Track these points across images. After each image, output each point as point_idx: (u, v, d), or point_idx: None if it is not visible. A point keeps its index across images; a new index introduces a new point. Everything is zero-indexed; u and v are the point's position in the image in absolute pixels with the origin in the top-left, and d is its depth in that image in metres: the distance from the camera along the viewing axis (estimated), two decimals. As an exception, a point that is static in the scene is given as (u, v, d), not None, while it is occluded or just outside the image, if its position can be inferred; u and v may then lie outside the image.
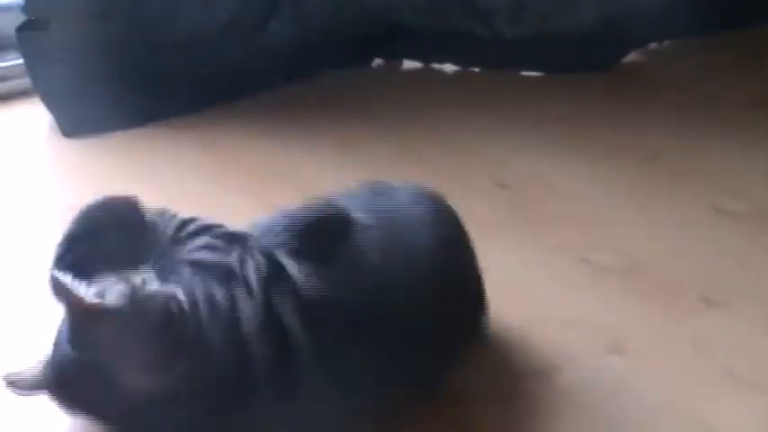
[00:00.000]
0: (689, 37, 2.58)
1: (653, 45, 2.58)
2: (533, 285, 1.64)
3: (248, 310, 1.28)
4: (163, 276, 1.31)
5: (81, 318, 1.24)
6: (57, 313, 1.30)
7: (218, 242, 1.36)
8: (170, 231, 1.39)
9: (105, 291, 1.25)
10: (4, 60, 2.35)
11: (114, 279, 1.28)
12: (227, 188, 1.97)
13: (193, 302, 1.28)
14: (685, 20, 2.45)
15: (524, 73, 2.48)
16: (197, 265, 1.33)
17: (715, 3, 2.49)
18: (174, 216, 1.42)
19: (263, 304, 1.29)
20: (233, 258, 1.33)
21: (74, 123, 2.19)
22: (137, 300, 1.25)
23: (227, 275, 1.31)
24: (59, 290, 1.25)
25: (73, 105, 2.19)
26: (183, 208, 1.49)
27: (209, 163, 2.05)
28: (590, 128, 2.20)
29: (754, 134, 2.14)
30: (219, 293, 1.30)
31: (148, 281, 1.29)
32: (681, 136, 2.15)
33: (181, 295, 1.28)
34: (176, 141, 2.15)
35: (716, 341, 1.52)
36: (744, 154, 2.06)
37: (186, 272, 1.33)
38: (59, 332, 1.30)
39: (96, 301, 1.23)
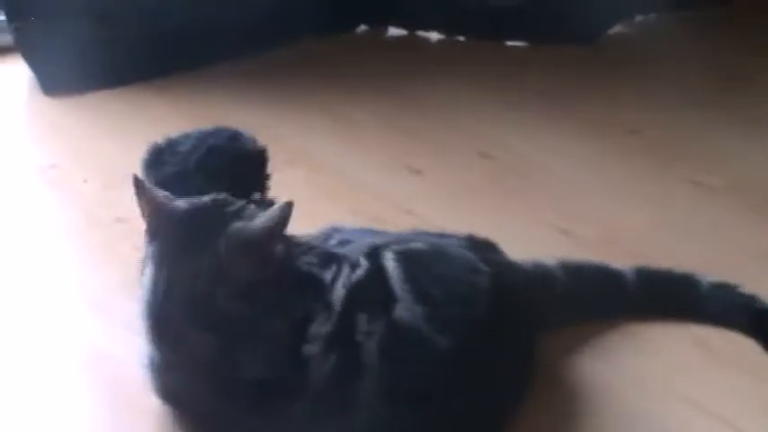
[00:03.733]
0: (675, 11, 2.58)
1: (639, 18, 2.58)
2: (512, 255, 1.64)
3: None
4: None
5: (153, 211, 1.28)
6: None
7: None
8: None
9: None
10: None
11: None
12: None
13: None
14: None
15: (509, 43, 2.47)
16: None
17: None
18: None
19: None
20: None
21: (54, 81, 2.18)
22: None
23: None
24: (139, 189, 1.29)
25: (54, 63, 2.17)
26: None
27: (188, 124, 2.03)
28: (572, 100, 2.20)
29: (734, 108, 2.15)
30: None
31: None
32: (663, 110, 2.15)
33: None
34: (156, 102, 2.13)
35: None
36: (724, 129, 2.06)
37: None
38: None
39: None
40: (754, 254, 1.66)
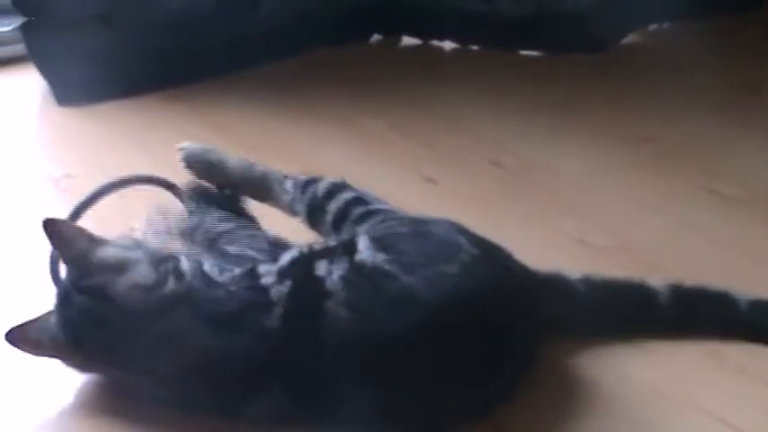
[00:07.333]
0: (688, 20, 2.57)
1: (652, 27, 2.58)
2: (525, 263, 1.64)
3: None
4: None
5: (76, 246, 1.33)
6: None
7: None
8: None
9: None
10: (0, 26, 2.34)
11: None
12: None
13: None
14: (685, 3, 2.45)
15: (523, 52, 2.47)
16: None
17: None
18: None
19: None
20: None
21: (68, 91, 2.18)
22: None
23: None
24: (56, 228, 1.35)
25: (68, 73, 2.18)
26: (173, 176, 1.51)
27: (201, 134, 2.04)
28: (586, 109, 2.20)
29: (748, 118, 2.14)
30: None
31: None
32: (676, 119, 2.14)
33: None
34: (169, 112, 2.14)
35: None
36: (738, 138, 2.06)
37: None
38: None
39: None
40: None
